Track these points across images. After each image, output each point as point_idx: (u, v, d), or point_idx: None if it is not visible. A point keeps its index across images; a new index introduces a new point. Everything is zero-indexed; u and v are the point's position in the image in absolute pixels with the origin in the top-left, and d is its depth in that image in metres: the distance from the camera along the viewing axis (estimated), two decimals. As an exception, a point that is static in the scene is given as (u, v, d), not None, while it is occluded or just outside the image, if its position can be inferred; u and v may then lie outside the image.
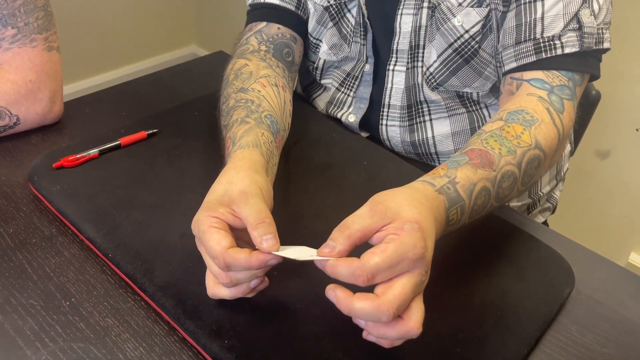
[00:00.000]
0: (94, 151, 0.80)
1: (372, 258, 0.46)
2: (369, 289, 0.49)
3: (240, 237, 0.58)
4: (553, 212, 1.04)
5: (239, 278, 0.56)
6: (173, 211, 0.73)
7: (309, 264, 0.53)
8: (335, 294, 0.48)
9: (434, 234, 0.51)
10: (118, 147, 0.82)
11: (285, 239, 0.57)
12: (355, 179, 0.82)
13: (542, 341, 0.64)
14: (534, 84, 0.72)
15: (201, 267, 0.60)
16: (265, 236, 0.53)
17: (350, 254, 0.51)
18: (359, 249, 0.52)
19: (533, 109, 0.68)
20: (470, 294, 0.66)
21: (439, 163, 0.93)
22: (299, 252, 0.54)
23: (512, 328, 0.63)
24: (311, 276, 0.62)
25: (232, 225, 0.56)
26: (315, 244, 0.59)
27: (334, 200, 0.77)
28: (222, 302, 0.61)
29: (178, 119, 0.90)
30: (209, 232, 0.54)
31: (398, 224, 0.48)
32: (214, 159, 0.67)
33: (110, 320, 0.62)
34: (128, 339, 0.60)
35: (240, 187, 0.57)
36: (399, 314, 0.47)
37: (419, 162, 0.94)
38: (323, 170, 0.83)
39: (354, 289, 0.49)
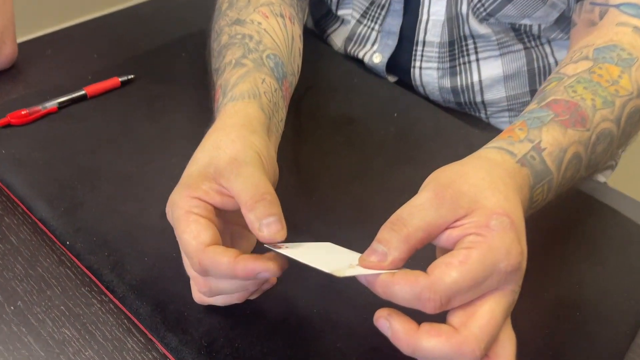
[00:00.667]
0: (51, 104, 0.63)
1: (448, 273, 0.32)
2: (439, 315, 0.34)
3: (234, 220, 0.43)
4: (614, 169, 0.87)
5: (221, 288, 0.40)
6: (153, 183, 0.57)
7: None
8: (392, 327, 0.33)
9: (524, 225, 0.36)
10: (83, 98, 0.65)
11: (295, 225, 0.41)
12: (383, 136, 0.65)
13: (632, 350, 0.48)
14: (626, 10, 0.54)
15: (185, 264, 0.45)
16: (265, 219, 0.37)
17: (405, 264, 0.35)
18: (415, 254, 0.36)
19: (630, 43, 0.51)
20: (539, 288, 0.50)
21: (486, 115, 0.76)
22: (322, 255, 0.38)
23: (596, 334, 0.48)
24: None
25: (222, 208, 0.40)
26: (339, 231, 0.42)
27: (357, 166, 0.61)
28: (214, 308, 0.46)
29: (160, 62, 0.73)
30: (185, 221, 0.39)
31: (480, 219, 0.34)
32: (207, 113, 0.50)
33: (67, 332, 0.47)
34: (91, 357, 0.45)
35: (231, 153, 0.41)
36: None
37: (459, 112, 0.76)
38: (342, 126, 0.66)
39: (415, 313, 0.34)
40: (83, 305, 0.49)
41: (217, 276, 0.38)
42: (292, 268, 0.39)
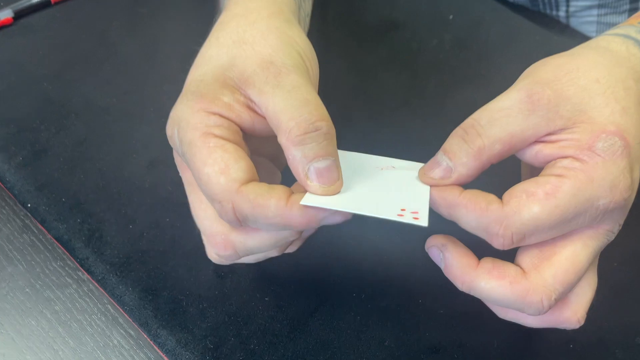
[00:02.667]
0: (4, 13, 0.48)
1: (529, 207, 0.26)
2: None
3: (258, 150, 0.31)
4: None
5: (250, 246, 0.29)
6: (138, 119, 0.43)
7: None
8: (445, 259, 0.29)
9: None
10: (46, 4, 0.50)
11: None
12: (437, 45, 0.50)
13: None
14: None
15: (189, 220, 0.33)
16: (318, 161, 0.27)
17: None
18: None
19: None
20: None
21: (567, 12, 0.59)
22: (377, 190, 0.28)
23: None
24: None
25: (249, 132, 0.28)
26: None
27: (403, 87, 0.46)
28: (221, 295, 0.35)
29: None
30: (204, 147, 0.26)
31: (584, 136, 0.27)
32: (208, 22, 0.36)
33: (33, 322, 0.36)
34: (66, 358, 0.35)
35: (263, 51, 0.29)
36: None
37: (530, 12, 0.60)
38: (383, 32, 0.50)
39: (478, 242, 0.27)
40: (54, 287, 0.38)
41: (261, 226, 0.27)
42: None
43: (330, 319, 0.34)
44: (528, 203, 0.26)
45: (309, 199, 0.26)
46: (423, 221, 0.26)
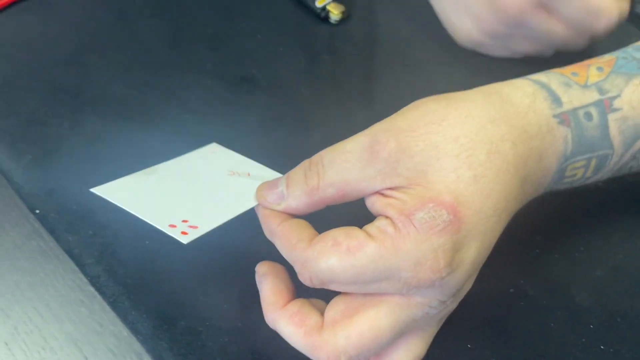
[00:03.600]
0: (17, -14, 0.44)
1: (327, 255, 0.25)
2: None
3: None
4: None
5: None
6: (157, 113, 0.39)
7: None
8: (260, 288, 0.29)
9: (502, 220, 0.26)
10: (63, -24, 0.46)
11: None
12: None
13: None
14: None
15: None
16: None
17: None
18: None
19: None
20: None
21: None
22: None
23: None
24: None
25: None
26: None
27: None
28: (251, 323, 0.31)
29: None
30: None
31: (410, 201, 0.24)
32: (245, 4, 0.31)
33: (40, 346, 0.33)
34: (75, 385, 0.32)
35: None
36: None
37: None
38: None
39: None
40: (65, 303, 0.34)
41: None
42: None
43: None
44: (329, 252, 0.25)
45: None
46: (188, 237, 0.27)
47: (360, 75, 0.42)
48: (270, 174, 0.33)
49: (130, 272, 0.33)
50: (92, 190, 0.31)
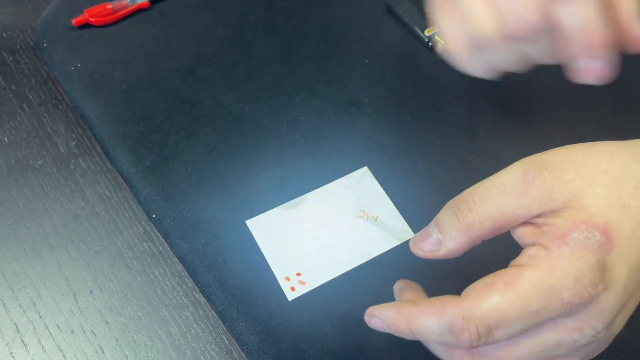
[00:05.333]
0: (142, -3, 0.46)
1: (488, 297, 0.25)
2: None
3: None
4: None
5: None
6: (268, 130, 0.40)
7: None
8: (398, 295, 0.31)
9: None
10: (184, -11, 0.48)
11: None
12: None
13: None
14: None
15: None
16: None
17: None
18: None
19: None
20: None
21: None
22: None
23: None
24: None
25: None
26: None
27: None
28: (353, 346, 0.32)
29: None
30: None
31: (563, 223, 0.25)
32: (354, 20, 0.31)
33: (148, 341, 0.35)
34: (179, 387, 0.33)
35: None
36: None
37: None
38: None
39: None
40: (171, 306, 0.36)
41: None
42: None
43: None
44: (487, 294, 0.25)
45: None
46: (294, 294, 0.33)
47: (465, 107, 0.42)
48: (398, 222, 0.37)
49: (239, 283, 0.34)
50: (247, 222, 0.36)
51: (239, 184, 0.38)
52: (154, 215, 0.37)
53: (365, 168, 0.39)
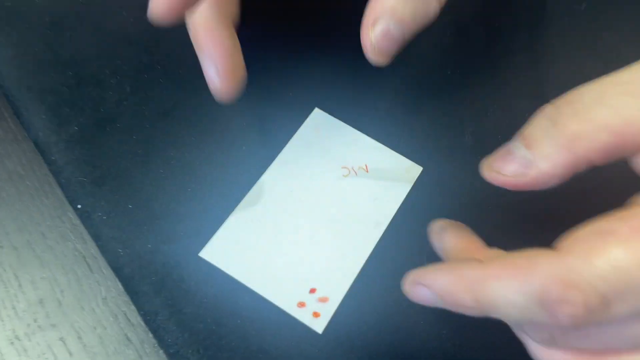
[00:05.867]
0: None
1: (607, 251, 0.17)
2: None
3: None
4: None
5: None
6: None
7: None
8: (437, 237, 0.23)
9: None
10: None
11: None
12: None
13: None
14: None
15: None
16: None
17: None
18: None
19: None
20: None
21: None
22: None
23: None
24: None
25: None
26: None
27: None
28: None
29: None
30: None
31: None
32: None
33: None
34: None
35: None
36: None
37: None
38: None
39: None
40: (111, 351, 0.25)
41: None
42: None
43: None
44: (605, 245, 0.17)
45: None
46: (322, 322, 0.22)
47: (525, 58, 0.31)
48: (394, 159, 0.26)
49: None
50: (200, 255, 0.24)
51: (204, 200, 0.26)
52: (79, 206, 0.25)
53: (317, 110, 0.28)
